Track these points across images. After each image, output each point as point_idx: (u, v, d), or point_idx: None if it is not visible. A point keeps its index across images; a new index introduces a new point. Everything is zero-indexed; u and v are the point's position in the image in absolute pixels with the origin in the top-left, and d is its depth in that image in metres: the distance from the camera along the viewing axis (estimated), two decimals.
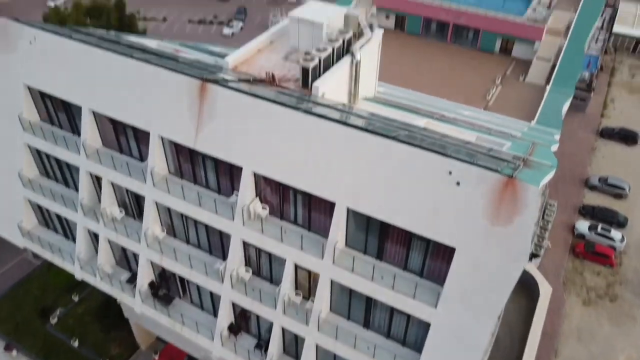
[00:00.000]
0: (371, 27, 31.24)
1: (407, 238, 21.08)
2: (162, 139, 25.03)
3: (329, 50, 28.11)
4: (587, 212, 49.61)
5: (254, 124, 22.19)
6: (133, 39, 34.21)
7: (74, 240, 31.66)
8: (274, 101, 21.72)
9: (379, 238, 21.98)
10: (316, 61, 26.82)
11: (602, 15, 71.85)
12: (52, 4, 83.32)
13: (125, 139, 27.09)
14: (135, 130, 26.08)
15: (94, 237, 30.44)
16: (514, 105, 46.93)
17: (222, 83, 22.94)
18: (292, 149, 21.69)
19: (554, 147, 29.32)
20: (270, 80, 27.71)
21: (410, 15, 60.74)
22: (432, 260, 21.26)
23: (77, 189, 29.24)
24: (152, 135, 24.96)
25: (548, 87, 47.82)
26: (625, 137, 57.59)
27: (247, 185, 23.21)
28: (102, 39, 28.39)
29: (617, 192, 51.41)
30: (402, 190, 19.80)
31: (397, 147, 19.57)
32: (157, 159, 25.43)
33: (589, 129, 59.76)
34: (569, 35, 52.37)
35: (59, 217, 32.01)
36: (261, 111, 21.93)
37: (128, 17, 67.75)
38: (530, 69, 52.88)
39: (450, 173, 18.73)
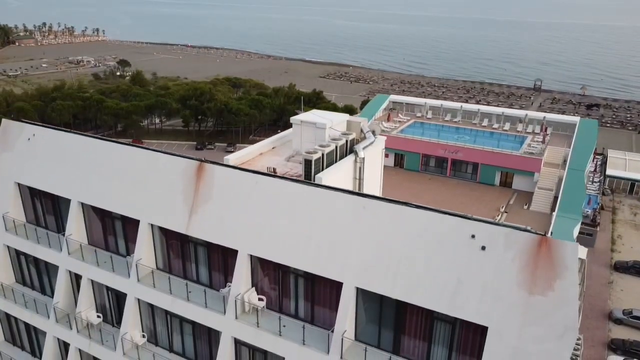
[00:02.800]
0: (374, 132, 31.34)
1: (428, 321, 17.89)
2: (152, 227, 23.06)
3: (332, 146, 27.71)
4: (618, 346, 45.00)
5: (252, 202, 20.50)
6: None
7: (40, 357, 27.53)
8: (275, 175, 20.38)
9: (394, 325, 18.70)
10: (319, 154, 26.17)
11: (593, 161, 74.37)
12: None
13: (113, 232, 25.09)
14: (124, 221, 24.26)
15: (64, 349, 26.44)
16: None
17: (220, 163, 21.89)
18: (294, 225, 19.68)
19: None
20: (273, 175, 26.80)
21: (409, 153, 62.50)
22: (460, 345, 17.74)
23: (52, 294, 26.26)
24: (141, 224, 23.06)
25: (554, 214, 46.80)
26: None
27: (242, 271, 20.61)
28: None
29: None
30: (419, 261, 17.34)
31: (412, 212, 17.67)
32: (144, 251, 23.12)
33: (601, 263, 57.39)
34: (567, 166, 53.05)
35: (27, 329, 28.31)
36: (260, 187, 20.43)
37: None
38: (532, 198, 52.51)
39: (473, 236, 16.55)
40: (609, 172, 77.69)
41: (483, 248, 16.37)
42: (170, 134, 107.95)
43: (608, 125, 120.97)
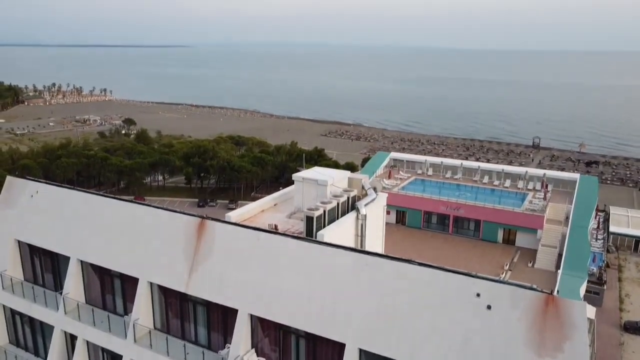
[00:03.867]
0: (375, 189, 31.44)
1: None
2: (151, 285, 22.69)
3: (334, 203, 27.72)
4: None
5: (253, 259, 20.29)
6: None
7: None
8: (277, 232, 20.27)
9: None
10: (320, 211, 26.14)
11: (596, 218, 74.13)
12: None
13: (111, 290, 24.67)
14: (122, 280, 23.91)
15: None
16: None
17: (222, 220, 21.84)
18: (295, 283, 19.36)
19: None
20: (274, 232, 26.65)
21: (410, 209, 62.44)
22: None
23: (46, 356, 25.48)
24: (140, 283, 22.71)
25: (559, 272, 46.12)
26: None
27: (241, 332, 20.08)
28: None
29: None
30: (424, 320, 16.92)
31: (415, 270, 17.43)
32: (142, 310, 22.64)
33: (610, 323, 55.85)
34: (570, 223, 52.78)
35: None
36: (261, 244, 20.27)
37: None
38: (537, 255, 51.88)
39: (478, 295, 16.24)
40: (612, 229, 77.19)
41: (489, 307, 16.02)
42: (173, 190, 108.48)
43: (608, 182, 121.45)
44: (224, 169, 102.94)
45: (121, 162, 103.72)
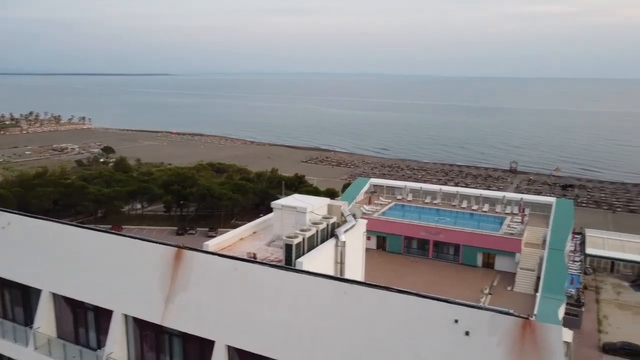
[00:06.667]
0: (354, 216, 31.51)
1: None
2: (126, 318, 22.15)
3: (313, 231, 27.65)
4: None
5: (231, 289, 20.02)
6: None
7: None
8: (255, 261, 20.09)
9: None
10: (300, 239, 26.04)
11: (572, 240, 75.21)
12: None
13: (84, 324, 24.00)
14: (96, 312, 23.30)
15: None
16: None
17: (199, 249, 21.59)
18: (273, 313, 19.11)
19: None
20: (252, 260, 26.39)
21: (391, 235, 62.55)
22: None
23: None
24: (114, 315, 22.16)
25: (538, 295, 46.45)
26: (630, 352, 53.97)
27: None
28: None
29: None
30: (404, 348, 16.80)
31: (394, 297, 17.39)
32: (116, 343, 22.03)
33: (590, 345, 56.15)
34: (547, 246, 53.44)
35: None
36: (239, 273, 20.04)
37: None
38: (515, 278, 52.26)
39: (456, 321, 16.23)
40: (588, 251, 78.33)
41: (467, 333, 16.01)
42: (152, 219, 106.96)
43: (584, 205, 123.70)
44: (204, 196, 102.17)
45: (99, 190, 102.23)
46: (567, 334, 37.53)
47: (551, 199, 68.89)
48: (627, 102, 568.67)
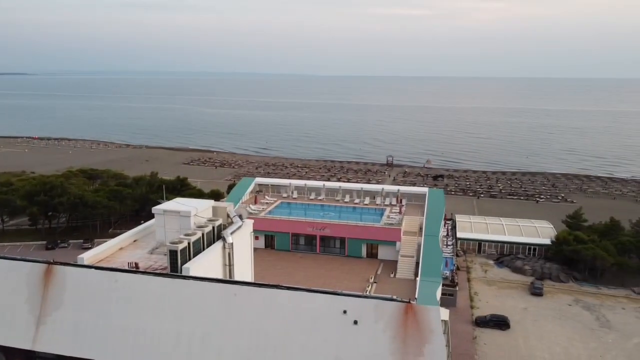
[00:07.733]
0: (241, 216, 31.22)
1: None
2: None
3: (199, 234, 26.90)
4: None
5: (112, 303, 18.77)
6: None
7: None
8: (137, 271, 19.04)
9: None
10: (185, 244, 25.18)
11: (445, 226, 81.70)
12: None
13: None
14: None
15: None
16: None
17: (72, 263, 19.93)
18: (160, 323, 18.27)
19: None
20: (134, 271, 24.94)
21: (278, 233, 63.02)
22: None
23: None
24: None
25: (418, 279, 49.79)
26: (498, 323, 60.00)
27: None
28: None
29: None
30: (296, 343, 17.01)
31: (283, 294, 17.53)
32: None
33: (464, 321, 61.42)
34: (423, 233, 57.50)
35: None
36: (120, 285, 18.87)
37: None
38: (397, 266, 55.55)
39: (345, 312, 16.82)
40: (459, 234, 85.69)
41: (355, 322, 16.66)
42: (15, 234, 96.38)
43: (452, 192, 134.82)
44: (76, 205, 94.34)
45: None
46: (444, 313, 40.67)
47: (424, 189, 74.25)
48: (482, 98, 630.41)
